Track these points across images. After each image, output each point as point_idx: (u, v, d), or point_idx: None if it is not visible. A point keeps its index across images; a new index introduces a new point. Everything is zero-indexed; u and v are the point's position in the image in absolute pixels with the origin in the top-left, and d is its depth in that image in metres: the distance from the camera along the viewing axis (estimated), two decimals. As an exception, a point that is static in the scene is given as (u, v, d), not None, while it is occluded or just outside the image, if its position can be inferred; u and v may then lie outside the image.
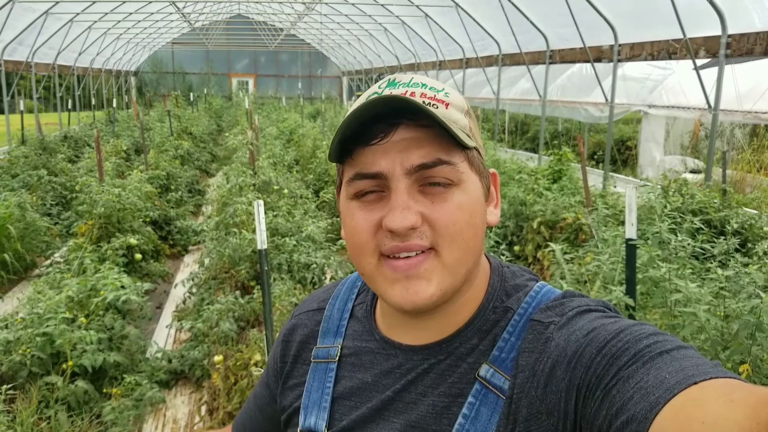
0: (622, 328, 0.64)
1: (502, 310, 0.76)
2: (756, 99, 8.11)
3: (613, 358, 0.61)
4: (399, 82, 0.74)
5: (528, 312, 0.75)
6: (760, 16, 6.36)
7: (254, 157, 7.43)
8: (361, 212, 0.72)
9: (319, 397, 0.84)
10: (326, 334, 0.89)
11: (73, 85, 18.69)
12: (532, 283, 0.80)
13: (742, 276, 3.13)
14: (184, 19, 21.45)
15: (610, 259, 3.64)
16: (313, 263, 4.86)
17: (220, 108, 21.83)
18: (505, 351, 0.73)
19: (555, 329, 0.70)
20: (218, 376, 3.55)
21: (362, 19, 17.73)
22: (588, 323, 0.68)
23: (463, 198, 0.71)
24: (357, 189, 0.72)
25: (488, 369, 0.72)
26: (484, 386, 0.72)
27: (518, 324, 0.74)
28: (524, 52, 11.22)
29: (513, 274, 0.81)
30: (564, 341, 0.67)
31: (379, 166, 0.70)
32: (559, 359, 0.66)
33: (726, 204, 5.60)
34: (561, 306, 0.73)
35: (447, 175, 0.70)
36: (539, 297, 0.77)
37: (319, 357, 0.87)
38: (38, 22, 12.89)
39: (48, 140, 11.94)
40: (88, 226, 6.02)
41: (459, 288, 0.73)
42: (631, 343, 0.61)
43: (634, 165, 12.17)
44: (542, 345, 0.69)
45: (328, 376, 0.84)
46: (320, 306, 0.93)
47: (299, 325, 0.93)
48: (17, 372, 3.42)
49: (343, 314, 0.89)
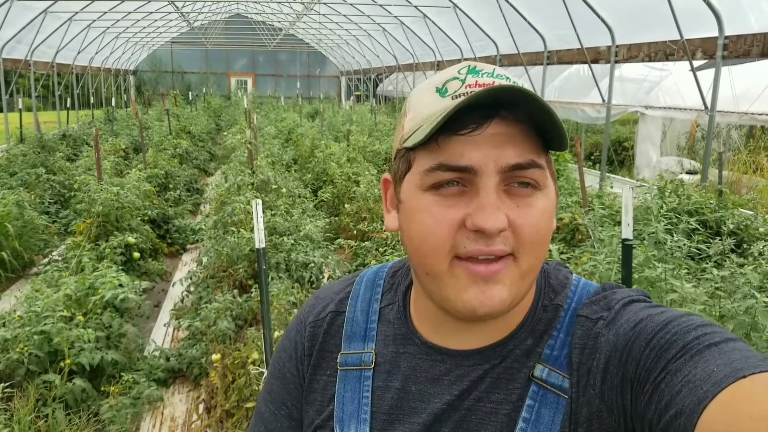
0: (670, 320, 0.63)
1: (552, 308, 0.74)
2: (752, 100, 8.14)
3: (661, 351, 0.60)
4: (482, 71, 0.68)
5: (572, 307, 0.73)
6: (757, 18, 6.39)
7: (253, 157, 7.44)
8: (439, 208, 0.66)
9: (356, 409, 0.77)
10: (352, 338, 0.81)
11: (71, 83, 18.66)
12: (570, 277, 0.78)
13: (737, 276, 3.16)
14: (183, 19, 21.43)
15: (606, 259, 3.65)
16: (311, 262, 4.87)
17: (219, 107, 21.82)
18: (557, 348, 0.71)
19: (603, 325, 0.69)
20: (216, 374, 3.56)
21: (361, 19, 17.74)
22: (634, 315, 0.67)
23: (546, 204, 0.67)
24: (437, 180, 0.66)
25: (543, 368, 0.70)
26: (541, 387, 0.69)
27: (564, 320, 0.73)
28: (522, 53, 11.24)
29: (554, 269, 0.79)
30: (614, 336, 0.66)
31: (470, 159, 0.64)
32: (611, 355, 0.65)
33: (722, 205, 5.62)
34: (605, 300, 0.72)
35: (536, 178, 0.66)
36: (579, 291, 0.75)
37: (349, 364, 0.79)
38: (37, 21, 12.87)
39: (47, 138, 11.92)
40: (86, 225, 6.02)
41: (526, 294, 0.70)
42: (679, 335, 0.60)
43: (630, 166, 12.20)
44: (593, 341, 0.68)
45: (364, 386, 0.77)
46: (339, 309, 0.85)
47: (317, 333, 0.84)
48: (15, 370, 3.43)
49: (370, 316, 0.82)
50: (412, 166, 0.69)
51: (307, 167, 10.22)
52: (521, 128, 0.65)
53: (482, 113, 0.64)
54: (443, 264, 0.66)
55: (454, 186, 0.65)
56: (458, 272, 0.66)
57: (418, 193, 0.67)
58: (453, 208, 0.65)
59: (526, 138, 0.65)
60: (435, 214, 0.66)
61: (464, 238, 0.65)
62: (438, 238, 0.65)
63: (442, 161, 0.65)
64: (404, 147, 0.70)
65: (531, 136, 0.65)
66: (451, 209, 0.65)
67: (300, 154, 11.31)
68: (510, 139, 0.64)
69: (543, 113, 0.63)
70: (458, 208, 0.65)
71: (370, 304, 0.83)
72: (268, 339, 2.89)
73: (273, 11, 22.37)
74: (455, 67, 0.70)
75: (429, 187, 0.66)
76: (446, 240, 0.65)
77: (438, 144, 0.65)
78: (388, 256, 4.61)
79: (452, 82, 0.67)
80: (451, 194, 0.66)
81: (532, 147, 0.65)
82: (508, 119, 0.64)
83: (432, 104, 0.67)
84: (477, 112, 0.64)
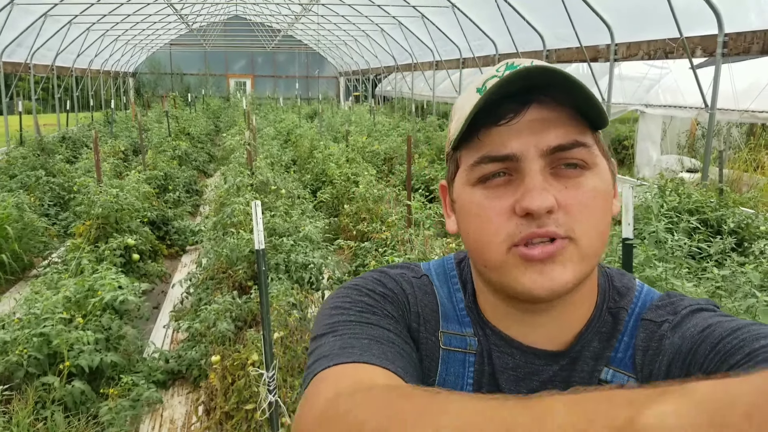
0: (739, 327, 0.62)
1: (617, 311, 0.74)
2: (753, 98, 8.13)
3: (726, 355, 0.59)
4: (520, 65, 0.67)
5: (636, 311, 0.73)
6: (756, 15, 6.38)
7: (252, 158, 7.43)
8: (489, 200, 0.66)
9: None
10: (449, 318, 0.78)
11: (71, 86, 18.68)
12: (634, 282, 0.78)
13: (738, 275, 3.15)
14: (181, 21, 21.45)
15: (606, 258, 3.64)
16: (310, 263, 4.86)
17: (218, 109, 21.83)
18: (621, 351, 0.71)
19: (669, 328, 0.68)
20: (215, 376, 3.55)
21: (359, 19, 17.74)
22: (703, 321, 0.66)
23: (597, 182, 0.66)
24: (482, 173, 0.66)
25: (608, 371, 0.70)
26: None
27: (629, 323, 0.72)
28: (521, 52, 11.24)
29: (618, 274, 0.78)
30: (679, 339, 0.66)
31: (511, 147, 0.64)
32: (675, 357, 0.65)
33: (722, 203, 5.61)
34: (672, 305, 0.72)
35: (583, 157, 0.65)
36: (643, 296, 0.75)
37: (453, 345, 0.76)
38: (37, 24, 12.89)
39: (46, 141, 11.92)
40: (85, 227, 6.02)
41: (589, 275, 0.69)
42: (747, 341, 0.59)
43: (630, 164, 12.18)
44: (657, 343, 0.68)
45: (468, 371, 0.75)
46: (427, 281, 0.81)
47: (417, 287, 0.79)
48: (14, 372, 3.42)
49: (457, 304, 0.79)
50: (460, 165, 0.70)
51: (306, 168, 10.22)
52: (561, 111, 0.65)
53: (519, 101, 0.65)
54: (501, 254, 0.66)
55: (501, 177, 0.66)
56: (515, 259, 0.65)
57: (468, 189, 0.69)
58: (502, 198, 0.66)
59: (567, 119, 0.65)
60: (486, 207, 0.66)
61: (518, 225, 0.64)
62: (492, 230, 0.66)
63: (484, 154, 0.66)
64: (451, 149, 0.71)
65: (572, 117, 0.65)
66: (501, 199, 0.66)
67: (299, 154, 11.30)
68: (550, 122, 0.65)
69: (576, 89, 0.63)
70: (507, 197, 0.65)
71: (451, 293, 0.80)
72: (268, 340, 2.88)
73: (271, 12, 22.39)
74: (496, 66, 0.71)
75: (476, 182, 0.67)
76: (500, 230, 0.65)
77: (479, 138, 0.66)
78: (387, 256, 4.60)
79: (491, 80, 0.67)
80: (498, 185, 0.66)
81: (574, 128, 0.65)
82: (546, 103, 0.65)
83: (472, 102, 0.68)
84: (514, 101, 0.65)
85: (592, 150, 0.66)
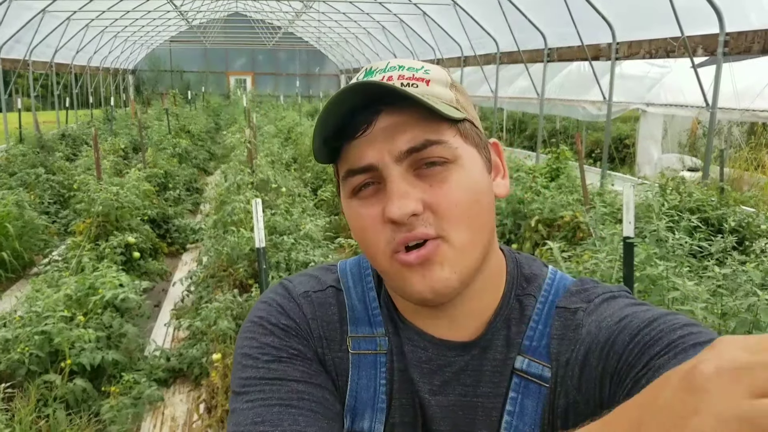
0: (656, 317, 0.62)
1: (525, 297, 0.74)
2: (754, 97, 8.12)
3: (645, 347, 0.59)
4: (376, 69, 0.69)
5: (550, 298, 0.73)
6: (758, 15, 6.37)
7: (252, 156, 7.43)
8: (363, 209, 0.68)
9: (372, 397, 0.73)
10: (358, 321, 0.77)
11: (70, 83, 18.65)
12: (545, 269, 0.77)
13: (739, 274, 3.14)
14: (181, 17, 21.41)
15: (607, 257, 3.64)
16: (311, 261, 4.86)
17: (218, 106, 21.79)
18: (535, 339, 0.71)
19: (584, 315, 0.69)
20: (217, 374, 3.56)
21: (360, 17, 17.72)
22: (619, 310, 0.66)
23: (462, 175, 0.66)
24: (352, 186, 0.68)
25: (523, 360, 0.70)
26: (522, 378, 0.70)
27: (542, 311, 0.72)
28: (522, 51, 11.22)
29: (527, 260, 0.78)
30: (595, 328, 0.66)
31: (368, 158, 0.65)
32: (592, 346, 0.65)
33: (723, 202, 5.61)
34: (585, 292, 0.72)
35: (440, 154, 0.65)
36: (556, 283, 0.75)
37: (363, 348, 0.75)
38: (35, 20, 12.85)
39: (46, 138, 11.92)
40: (86, 225, 6.02)
41: (478, 268, 0.69)
42: (664, 332, 0.60)
43: (631, 163, 12.19)
44: (573, 332, 0.68)
45: (381, 372, 0.74)
46: (336, 286, 0.80)
47: (313, 301, 0.77)
48: (16, 370, 3.42)
49: (369, 303, 0.78)
50: (339, 177, 0.71)
51: (306, 166, 10.21)
52: (415, 112, 0.65)
53: (369, 111, 0.65)
54: (385, 262, 0.67)
55: (370, 186, 0.67)
56: (396, 266, 0.66)
57: (348, 202, 0.70)
58: (373, 207, 0.67)
59: (420, 120, 0.65)
60: (363, 217, 0.68)
61: (390, 232, 0.65)
62: (373, 240, 0.67)
63: (348, 167, 0.67)
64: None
65: (423, 117, 0.65)
66: (372, 208, 0.67)
67: (300, 153, 11.29)
68: (400, 126, 0.65)
69: (410, 100, 0.63)
70: (377, 205, 0.66)
71: (365, 293, 0.79)
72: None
73: (272, 9, 22.35)
74: (360, 71, 0.71)
75: (351, 194, 0.69)
76: (378, 238, 0.67)
77: (341, 153, 0.68)
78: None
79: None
80: (369, 195, 0.67)
81: (428, 127, 0.65)
82: (394, 109, 0.65)
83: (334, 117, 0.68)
84: (365, 111, 0.65)
85: (449, 144, 0.66)
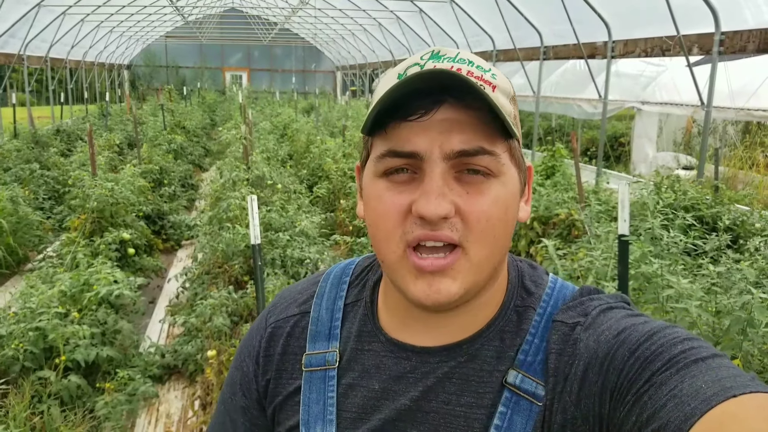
0: (654, 330, 0.62)
1: (524, 309, 0.72)
2: (748, 96, 8.15)
3: (646, 362, 0.59)
4: (444, 56, 0.66)
5: (547, 311, 0.71)
6: (753, 14, 6.39)
7: (248, 152, 7.41)
8: (389, 194, 0.65)
9: (322, 410, 0.75)
10: (316, 338, 0.79)
11: (65, 78, 18.56)
12: (546, 278, 0.76)
13: (733, 272, 3.16)
14: (177, 13, 21.32)
15: (602, 255, 3.66)
16: (306, 258, 4.86)
17: (214, 102, 21.72)
18: (531, 354, 0.69)
19: (581, 330, 0.67)
20: (211, 371, 3.55)
21: (356, 13, 17.69)
22: (616, 323, 0.65)
23: (500, 192, 0.65)
24: (387, 166, 0.65)
25: (516, 375, 0.68)
26: (514, 393, 0.68)
27: (539, 324, 0.71)
28: (518, 48, 11.23)
29: (530, 268, 0.77)
30: (594, 342, 0.65)
31: (416, 145, 0.63)
32: (591, 362, 0.63)
33: (718, 200, 5.63)
34: (582, 305, 0.70)
35: (488, 165, 0.64)
36: (555, 294, 0.74)
37: (313, 365, 0.77)
38: (30, 15, 12.77)
39: (40, 134, 11.84)
40: (80, 221, 5.99)
41: (483, 285, 0.68)
42: (665, 347, 0.59)
43: (627, 161, 12.21)
44: (570, 347, 0.67)
45: (329, 386, 0.76)
46: (303, 309, 0.82)
47: (277, 334, 0.82)
48: (10, 367, 3.41)
49: (334, 314, 0.80)
50: (371, 152, 0.68)
51: (302, 163, 10.20)
52: (475, 115, 0.63)
53: (432, 99, 0.63)
54: (395, 253, 0.66)
55: (405, 173, 0.65)
56: (408, 264, 0.65)
57: (374, 180, 0.67)
58: (402, 194, 0.65)
59: (478, 124, 0.63)
60: (385, 200, 0.65)
61: (412, 224, 0.64)
62: (388, 225, 0.65)
63: (390, 147, 0.64)
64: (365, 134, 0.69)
65: (485, 122, 0.63)
66: (401, 195, 0.65)
67: (295, 149, 11.27)
68: (459, 125, 0.63)
69: (484, 98, 0.61)
70: (407, 194, 0.64)
71: (335, 301, 0.81)
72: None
73: (268, 5, 22.28)
74: (422, 52, 0.68)
75: (382, 174, 0.66)
76: (396, 228, 0.65)
77: (386, 131, 0.65)
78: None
79: (413, 68, 0.65)
80: (401, 181, 0.65)
81: (483, 133, 0.63)
82: (458, 105, 0.63)
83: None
84: (427, 97, 0.62)
85: (498, 158, 0.64)
